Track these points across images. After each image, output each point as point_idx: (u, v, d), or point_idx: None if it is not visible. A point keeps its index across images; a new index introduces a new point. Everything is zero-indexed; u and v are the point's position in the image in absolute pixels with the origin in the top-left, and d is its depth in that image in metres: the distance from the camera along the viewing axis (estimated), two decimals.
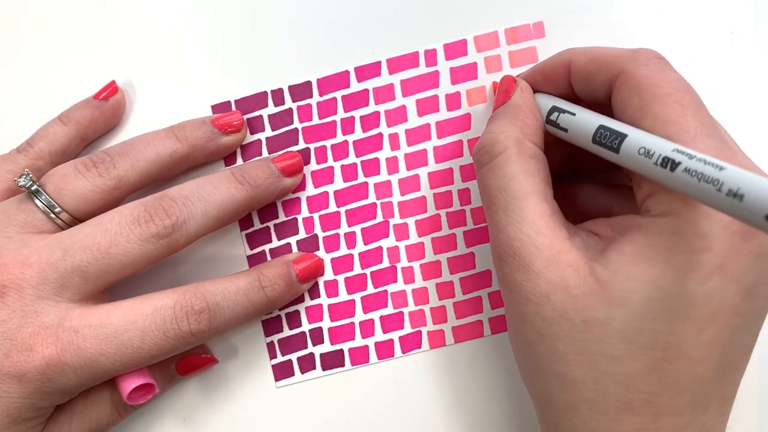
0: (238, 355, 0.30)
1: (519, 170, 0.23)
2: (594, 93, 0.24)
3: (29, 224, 0.25)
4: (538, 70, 0.26)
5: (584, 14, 0.29)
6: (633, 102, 0.22)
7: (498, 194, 0.23)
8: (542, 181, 0.23)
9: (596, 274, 0.21)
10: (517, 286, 0.22)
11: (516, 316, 0.23)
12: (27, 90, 0.31)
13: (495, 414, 0.30)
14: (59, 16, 0.30)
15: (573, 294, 0.21)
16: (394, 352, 0.30)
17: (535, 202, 0.23)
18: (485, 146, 0.24)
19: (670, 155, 0.19)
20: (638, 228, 0.21)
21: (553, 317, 0.22)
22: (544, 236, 0.22)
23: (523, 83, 0.26)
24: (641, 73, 0.22)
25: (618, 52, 0.23)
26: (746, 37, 0.29)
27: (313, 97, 0.30)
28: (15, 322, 0.24)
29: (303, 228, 0.30)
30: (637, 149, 0.21)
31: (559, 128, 0.24)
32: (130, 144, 0.27)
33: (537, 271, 0.22)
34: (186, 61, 0.30)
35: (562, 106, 0.25)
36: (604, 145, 0.22)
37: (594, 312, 0.21)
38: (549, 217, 0.23)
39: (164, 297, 0.25)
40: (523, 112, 0.25)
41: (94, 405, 0.27)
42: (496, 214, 0.23)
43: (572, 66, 0.24)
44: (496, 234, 0.23)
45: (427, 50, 0.30)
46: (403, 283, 0.30)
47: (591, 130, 0.23)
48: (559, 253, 0.22)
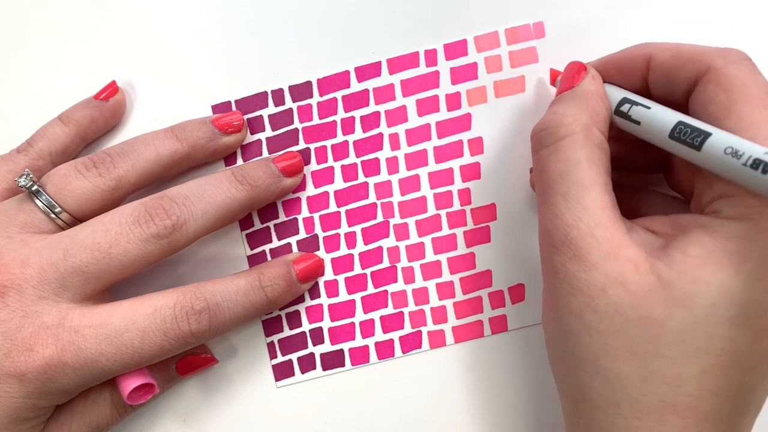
0: (238, 355, 0.30)
1: (584, 157, 0.22)
2: (673, 89, 0.23)
3: (30, 224, 0.25)
4: (611, 60, 0.25)
5: (584, 14, 0.29)
6: (719, 99, 0.21)
7: (559, 179, 0.23)
8: (605, 172, 0.23)
9: (658, 272, 0.21)
10: (568, 275, 0.22)
11: (561, 307, 0.22)
12: (27, 90, 0.31)
13: (495, 414, 0.30)
14: (60, 17, 0.30)
15: (631, 290, 0.21)
16: (394, 352, 0.30)
17: (597, 192, 0.22)
18: (550, 127, 0.23)
19: (762, 157, 0.19)
20: (705, 229, 0.21)
21: (606, 311, 0.21)
22: (605, 228, 0.21)
23: (593, 71, 0.25)
24: (731, 71, 0.21)
25: (706, 49, 0.22)
26: (746, 37, 0.29)
27: (314, 97, 0.30)
28: (15, 322, 0.24)
29: (303, 228, 0.30)
30: (723, 148, 0.20)
31: (631, 120, 0.24)
32: (130, 144, 0.27)
33: (594, 262, 0.21)
34: (186, 61, 0.30)
35: (634, 99, 0.24)
36: (683, 141, 0.21)
37: (652, 310, 0.20)
38: (610, 210, 0.22)
39: (164, 297, 0.25)
40: (594, 99, 0.24)
41: (94, 405, 0.27)
42: (553, 199, 0.22)
43: (653, 60, 0.24)
44: (551, 219, 0.23)
45: (427, 50, 0.30)
46: (403, 283, 0.30)
47: (669, 124, 0.22)
48: (618, 247, 0.21)
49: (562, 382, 0.24)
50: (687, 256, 0.20)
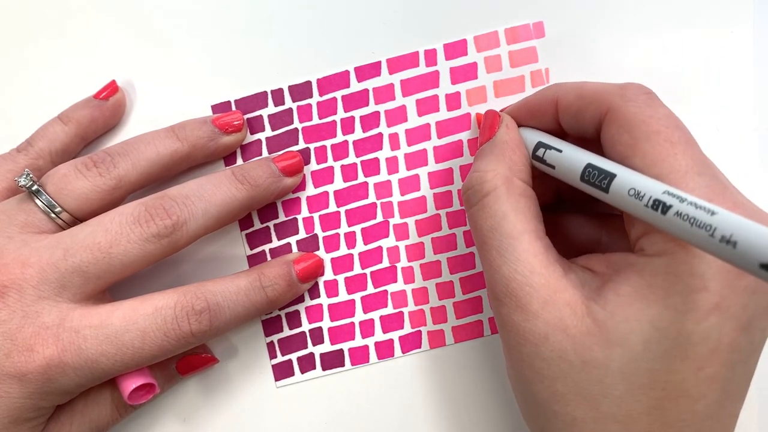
0: (238, 355, 0.30)
1: (510, 209, 0.23)
2: (583, 129, 0.24)
3: (30, 224, 0.25)
4: (523, 105, 0.26)
5: (584, 14, 0.29)
6: (622, 139, 0.22)
7: (490, 234, 0.23)
8: (533, 218, 0.23)
9: (594, 314, 0.21)
10: (514, 326, 0.22)
11: (514, 356, 0.23)
12: (27, 90, 0.31)
13: (495, 413, 0.30)
14: (60, 17, 0.30)
15: (571, 334, 0.21)
16: (394, 352, 0.30)
17: (528, 241, 0.23)
18: (474, 185, 0.24)
19: (660, 198, 0.19)
20: (633, 268, 0.21)
21: (552, 357, 0.21)
22: (540, 275, 0.22)
23: (507, 118, 0.26)
24: (630, 109, 0.22)
25: (606, 88, 0.23)
26: (746, 37, 0.29)
27: (313, 97, 0.30)
28: (16, 323, 0.24)
29: (303, 228, 0.30)
30: (626, 190, 0.20)
31: (546, 164, 0.24)
32: (130, 143, 0.27)
33: (534, 311, 0.22)
34: (186, 61, 0.30)
35: (548, 142, 0.24)
36: (592, 184, 0.22)
37: (593, 353, 0.21)
38: (543, 255, 0.22)
39: (165, 297, 0.25)
40: (510, 149, 0.25)
41: (95, 405, 0.27)
42: (489, 254, 0.23)
43: (560, 102, 0.24)
44: (491, 274, 0.23)
45: (427, 50, 0.30)
46: (403, 283, 0.30)
47: (579, 168, 0.23)
48: (555, 293, 0.22)
49: (531, 426, 0.24)
50: (618, 295, 0.21)
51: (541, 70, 0.29)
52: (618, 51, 0.29)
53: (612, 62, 0.29)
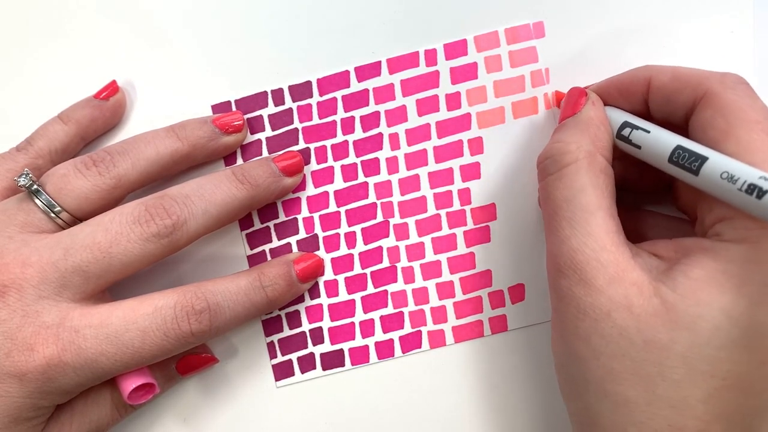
0: (238, 355, 0.30)
1: (589, 183, 0.23)
2: (673, 112, 0.24)
3: (30, 224, 0.25)
4: (612, 83, 0.26)
5: (584, 14, 0.29)
6: (717, 124, 0.21)
7: (564, 205, 0.23)
8: (609, 197, 0.23)
9: (662, 295, 0.21)
10: (575, 300, 0.22)
11: (569, 331, 0.22)
12: (27, 90, 0.31)
13: (495, 413, 0.30)
14: (59, 16, 0.30)
15: (636, 313, 0.21)
16: (394, 352, 0.30)
17: (602, 217, 0.22)
18: (554, 155, 0.24)
19: (756, 182, 0.19)
20: (708, 252, 0.21)
21: (611, 335, 0.21)
22: (609, 252, 0.22)
23: (594, 96, 0.26)
24: (729, 96, 0.22)
25: (704, 73, 0.23)
26: (746, 37, 0.29)
27: (313, 97, 0.30)
28: (16, 322, 0.24)
29: (303, 228, 0.30)
30: (719, 173, 0.20)
31: (632, 144, 0.24)
32: (130, 143, 0.27)
33: (599, 287, 0.22)
34: (186, 61, 0.30)
35: (634, 122, 0.24)
36: (682, 165, 0.22)
37: (657, 333, 0.21)
38: (614, 234, 0.22)
39: (165, 297, 0.25)
40: (595, 125, 0.25)
41: (95, 405, 0.27)
42: (559, 225, 0.23)
43: (653, 83, 0.24)
44: (557, 245, 0.23)
45: (427, 50, 0.30)
46: (403, 283, 0.30)
47: (668, 149, 0.22)
48: (623, 271, 0.21)
49: (572, 406, 0.24)
50: (690, 279, 0.21)
51: (541, 70, 0.29)
52: (618, 51, 0.29)
53: (612, 62, 0.29)
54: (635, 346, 0.21)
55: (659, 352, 0.21)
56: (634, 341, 0.21)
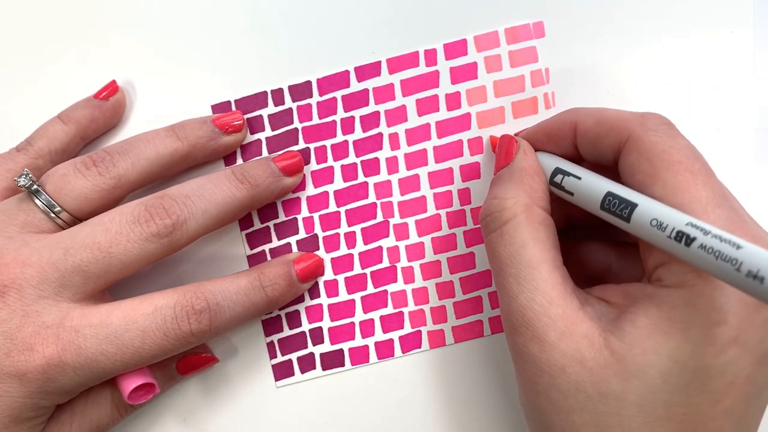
0: (238, 354, 0.30)
1: (529, 237, 0.23)
2: (601, 155, 0.24)
3: (30, 224, 0.25)
4: (540, 129, 0.26)
5: (584, 14, 0.29)
6: (642, 168, 0.22)
7: (508, 262, 0.23)
8: (552, 248, 0.23)
9: (611, 346, 0.21)
10: (530, 356, 0.22)
11: (530, 387, 0.23)
12: (27, 90, 0.31)
13: (495, 414, 0.30)
14: (59, 16, 0.30)
15: (588, 366, 0.21)
16: (394, 352, 0.30)
17: (547, 271, 0.22)
18: (493, 212, 0.24)
19: (684, 229, 0.19)
20: (651, 299, 0.21)
21: (568, 389, 0.21)
22: (557, 306, 0.22)
23: (524, 144, 0.26)
24: (650, 139, 0.22)
25: (626, 116, 0.23)
26: (746, 37, 0.29)
27: (313, 97, 0.30)
28: (16, 322, 0.24)
29: (303, 228, 0.30)
30: (649, 220, 0.20)
31: (564, 191, 0.24)
32: (130, 143, 0.27)
33: (551, 342, 0.22)
34: (186, 61, 0.30)
35: (566, 168, 0.24)
36: (613, 213, 0.22)
37: (610, 385, 0.21)
38: (561, 286, 0.22)
39: (165, 297, 0.25)
40: (529, 176, 0.25)
41: (95, 405, 0.27)
42: (507, 282, 0.23)
43: (578, 128, 0.24)
44: (507, 302, 0.23)
45: (427, 50, 0.30)
46: (403, 283, 0.30)
47: (599, 196, 0.22)
48: (572, 324, 0.22)
49: None
50: (636, 327, 0.21)
51: (541, 70, 0.29)
52: (618, 51, 0.29)
53: (612, 62, 0.29)
54: (592, 399, 0.21)
55: (615, 402, 0.21)
56: (590, 394, 0.21)
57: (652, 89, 0.29)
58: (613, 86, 0.29)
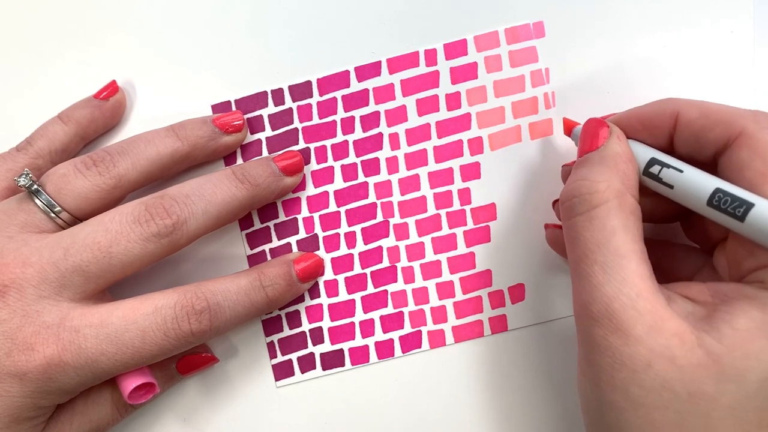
0: (239, 354, 0.30)
1: (620, 225, 0.22)
2: (700, 150, 0.23)
3: (30, 224, 0.25)
4: (634, 115, 0.25)
5: (584, 14, 0.29)
6: (755, 165, 0.21)
7: (596, 248, 0.22)
8: (640, 240, 0.22)
9: (706, 346, 0.20)
10: (610, 349, 0.21)
11: (604, 380, 0.22)
12: (27, 90, 0.31)
13: (495, 414, 0.30)
14: (59, 16, 0.30)
15: (679, 365, 0.20)
16: (394, 351, 0.30)
17: (636, 262, 0.21)
18: (583, 194, 0.23)
19: None
20: (752, 301, 0.20)
21: (653, 386, 0.20)
22: (646, 300, 0.21)
23: (617, 129, 0.25)
24: (766, 137, 0.21)
25: (737, 111, 0.22)
26: (746, 37, 0.29)
27: (313, 97, 0.30)
28: (16, 322, 0.24)
29: (303, 228, 0.30)
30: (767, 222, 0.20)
31: (662, 183, 0.23)
32: (130, 143, 0.27)
33: (637, 336, 0.21)
34: (186, 61, 0.30)
35: (663, 160, 0.23)
36: (724, 210, 0.21)
37: (703, 385, 0.20)
38: (649, 280, 0.21)
39: (165, 297, 0.25)
40: (623, 162, 0.23)
41: (95, 404, 0.27)
42: (590, 269, 0.22)
43: (681, 117, 0.23)
44: (588, 291, 0.22)
45: (427, 50, 0.30)
46: (403, 282, 0.30)
47: (706, 192, 0.21)
48: (662, 320, 0.21)
49: None
50: (735, 330, 0.20)
51: (541, 70, 0.29)
52: (618, 51, 0.29)
53: (612, 62, 0.29)
54: (679, 398, 0.20)
55: (705, 404, 0.20)
56: (678, 393, 0.20)
57: (652, 89, 0.29)
58: (613, 86, 0.29)
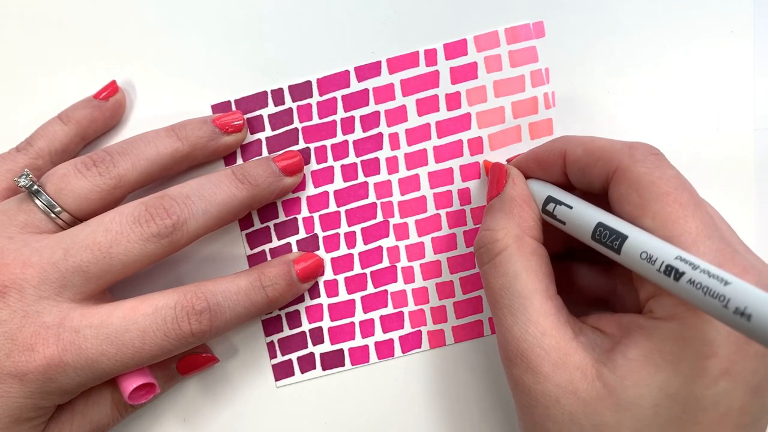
0: (239, 354, 0.30)
1: (522, 268, 0.23)
2: (590, 184, 0.24)
3: (30, 224, 0.25)
4: (531, 156, 0.26)
5: (584, 14, 0.29)
6: (632, 199, 0.22)
7: (502, 293, 0.23)
8: (545, 277, 0.23)
9: (603, 378, 0.21)
10: (526, 388, 0.22)
11: (526, 417, 0.23)
12: (27, 90, 0.31)
13: (495, 414, 0.30)
14: (59, 16, 0.30)
15: (582, 398, 0.21)
16: (394, 351, 0.30)
17: (539, 301, 0.23)
18: (486, 244, 0.24)
19: (672, 263, 0.19)
20: (642, 331, 0.21)
21: (563, 420, 0.21)
22: (551, 337, 0.22)
23: (514, 172, 0.26)
24: (639, 169, 0.22)
25: (615, 146, 0.23)
26: (746, 37, 0.29)
27: (313, 97, 0.30)
28: (16, 322, 0.24)
29: (303, 228, 0.30)
30: (639, 253, 0.20)
31: (556, 220, 0.24)
32: (130, 143, 0.27)
33: (545, 374, 0.22)
34: (186, 61, 0.30)
35: (558, 197, 0.24)
36: (604, 243, 0.22)
37: (603, 417, 0.21)
38: (554, 316, 0.22)
39: (165, 297, 0.25)
40: (518, 206, 0.25)
41: (95, 405, 0.27)
42: (501, 313, 0.23)
43: (567, 156, 0.24)
44: (502, 333, 0.23)
45: (427, 50, 0.30)
46: (403, 282, 0.30)
47: (590, 226, 0.22)
48: (566, 355, 0.22)
49: None
50: (627, 359, 0.21)
51: (541, 70, 0.29)
52: (618, 51, 0.29)
53: (611, 62, 0.29)
54: (585, 430, 0.21)
55: None
56: (584, 426, 0.21)
57: (652, 89, 0.29)
58: (613, 86, 0.29)
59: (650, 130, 0.29)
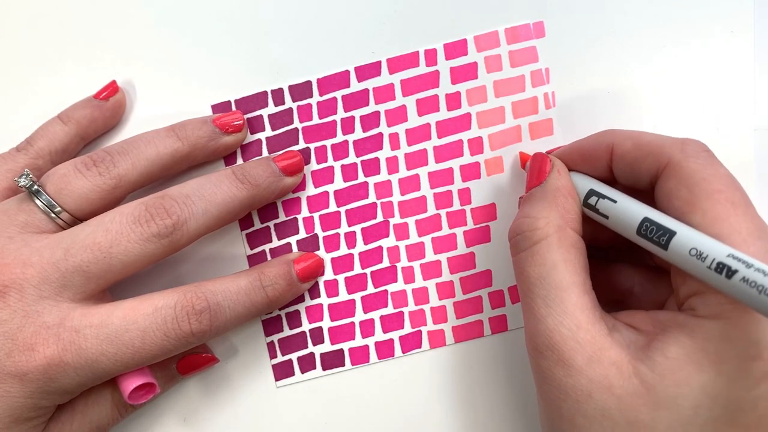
0: (239, 354, 0.30)
1: (560, 259, 0.23)
2: (637, 179, 0.23)
3: (30, 224, 0.25)
4: (575, 148, 0.26)
5: (584, 14, 0.29)
6: (681, 195, 0.21)
7: (538, 283, 0.23)
8: (583, 271, 0.23)
9: (641, 375, 0.21)
10: (555, 380, 0.22)
11: (553, 411, 0.22)
12: (27, 90, 0.31)
13: (495, 414, 0.30)
14: (59, 16, 0.30)
15: (617, 394, 0.21)
16: (394, 352, 0.30)
17: (577, 295, 0.22)
18: (524, 231, 0.24)
19: (725, 261, 0.19)
20: (683, 329, 0.21)
21: (594, 416, 0.21)
22: (586, 331, 0.22)
23: (558, 163, 0.26)
24: (691, 165, 0.21)
25: (665, 141, 0.23)
26: (746, 37, 0.29)
27: (313, 97, 0.30)
28: (16, 322, 0.24)
29: (303, 228, 0.30)
30: (688, 249, 0.20)
31: (599, 213, 0.24)
32: (130, 143, 0.27)
33: (578, 367, 0.21)
34: (186, 61, 0.30)
35: (600, 191, 0.24)
36: (650, 239, 0.22)
37: (639, 414, 0.21)
38: (590, 311, 0.22)
39: (165, 297, 0.25)
40: (563, 196, 0.24)
41: (95, 405, 0.27)
42: (534, 303, 0.23)
43: (615, 150, 0.24)
44: (533, 324, 0.23)
45: (427, 50, 0.30)
46: (403, 282, 0.30)
47: (635, 221, 0.22)
48: (600, 350, 0.21)
49: None
50: (667, 358, 0.21)
51: (541, 70, 0.29)
52: (618, 51, 0.29)
53: (612, 62, 0.29)
54: (619, 426, 0.21)
55: (643, 431, 0.21)
56: (617, 422, 0.21)
57: (652, 89, 0.29)
58: (613, 86, 0.29)
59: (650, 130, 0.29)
